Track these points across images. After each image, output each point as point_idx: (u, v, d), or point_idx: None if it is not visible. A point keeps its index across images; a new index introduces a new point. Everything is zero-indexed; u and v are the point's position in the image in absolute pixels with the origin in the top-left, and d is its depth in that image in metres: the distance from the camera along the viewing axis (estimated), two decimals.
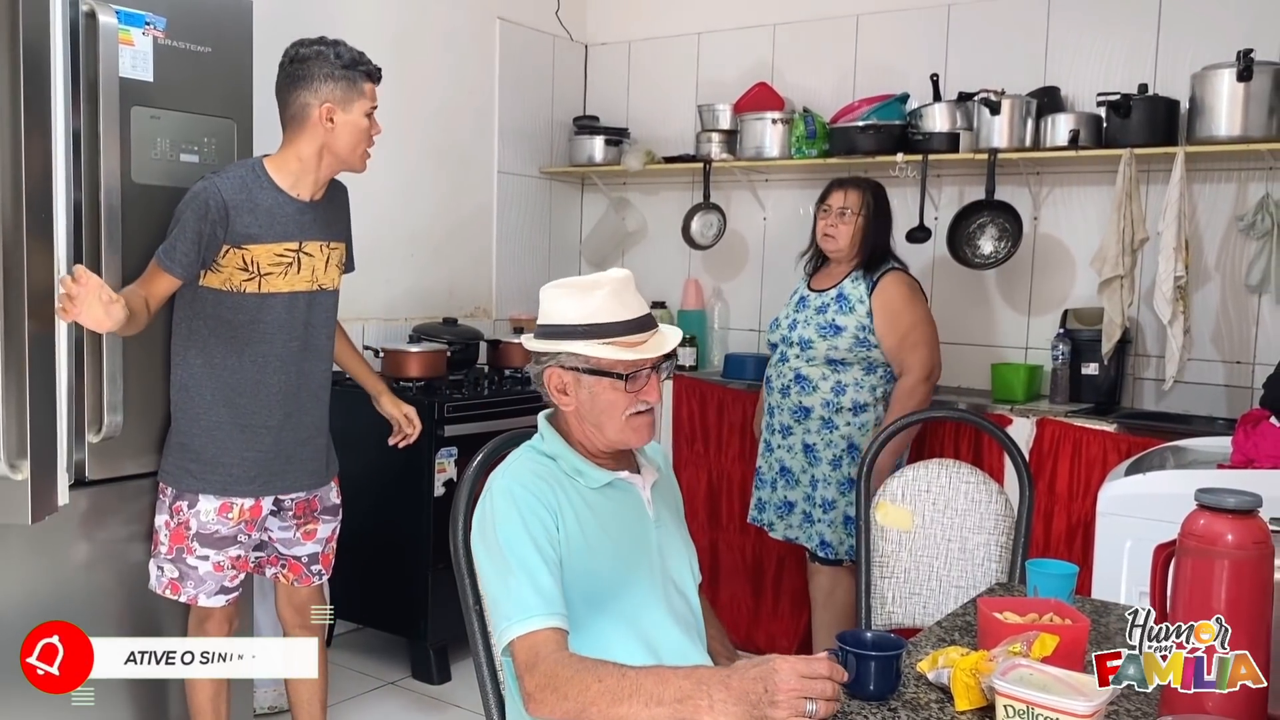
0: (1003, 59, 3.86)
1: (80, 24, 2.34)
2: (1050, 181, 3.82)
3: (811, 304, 3.31)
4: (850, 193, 3.27)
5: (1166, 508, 1.65)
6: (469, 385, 3.78)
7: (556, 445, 1.75)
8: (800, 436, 3.28)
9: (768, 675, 1.34)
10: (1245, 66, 3.15)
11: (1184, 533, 1.40)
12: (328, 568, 2.74)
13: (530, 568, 1.57)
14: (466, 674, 3.40)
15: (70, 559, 2.49)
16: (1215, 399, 3.54)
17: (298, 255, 2.48)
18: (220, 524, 2.48)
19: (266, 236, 2.42)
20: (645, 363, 1.70)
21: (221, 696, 2.60)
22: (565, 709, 1.45)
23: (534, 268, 4.69)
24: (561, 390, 1.73)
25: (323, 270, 2.55)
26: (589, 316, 1.69)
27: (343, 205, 2.67)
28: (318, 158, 2.47)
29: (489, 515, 1.65)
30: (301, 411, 2.57)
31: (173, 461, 2.50)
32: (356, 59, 2.46)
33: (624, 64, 4.82)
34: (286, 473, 2.56)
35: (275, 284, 2.45)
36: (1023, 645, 1.48)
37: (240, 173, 2.44)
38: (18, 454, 1.97)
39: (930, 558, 2.44)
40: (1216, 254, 3.53)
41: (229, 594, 2.53)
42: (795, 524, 3.33)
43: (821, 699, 1.33)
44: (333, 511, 2.72)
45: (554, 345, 1.71)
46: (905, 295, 3.22)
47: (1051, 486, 3.31)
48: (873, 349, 3.20)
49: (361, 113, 2.46)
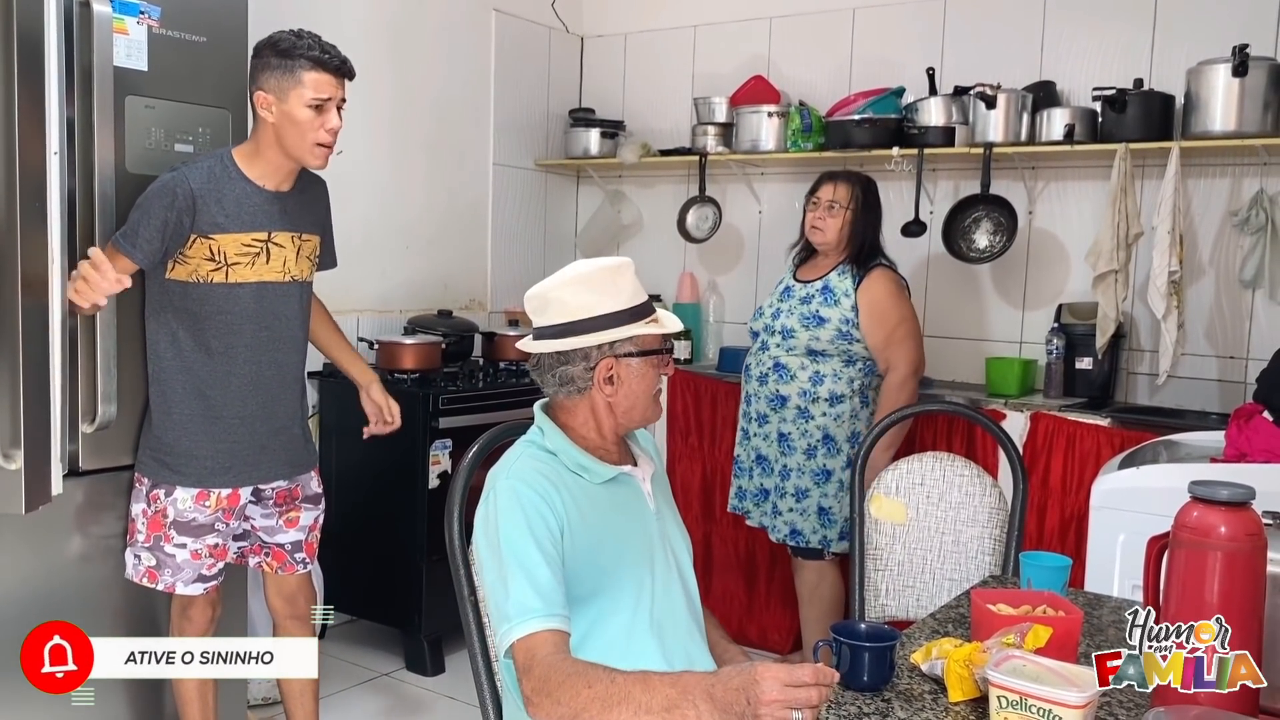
0: (998, 53, 3.86)
1: (75, 13, 2.34)
2: (1045, 176, 3.82)
3: (796, 294, 3.31)
4: (840, 186, 3.26)
5: (1160, 501, 1.66)
6: (464, 378, 3.78)
7: (557, 440, 1.74)
8: (776, 425, 3.29)
9: (749, 685, 1.32)
10: (1240, 62, 3.15)
11: (1177, 525, 1.40)
12: (312, 556, 2.71)
13: (531, 569, 1.56)
14: (460, 666, 3.40)
15: (63, 549, 2.48)
16: (1209, 394, 3.55)
17: (266, 245, 2.45)
18: (198, 512, 2.48)
19: (233, 226, 2.41)
20: (673, 337, 1.74)
21: (209, 686, 2.60)
22: (560, 713, 1.45)
23: (529, 261, 4.69)
24: (608, 380, 1.72)
25: (294, 261, 2.51)
26: (626, 301, 1.71)
27: (318, 198, 2.62)
28: (271, 148, 2.43)
29: (492, 515, 1.63)
30: (274, 402, 2.54)
31: (148, 454, 2.49)
32: (293, 47, 2.35)
33: (620, 56, 4.81)
34: (261, 463, 2.54)
35: (243, 274, 2.43)
36: (1016, 637, 1.49)
37: (209, 163, 2.42)
38: (11, 443, 1.97)
39: (924, 550, 2.44)
40: (1211, 249, 3.54)
41: (206, 582, 2.53)
42: (769, 511, 3.35)
43: (806, 707, 1.30)
44: (314, 500, 2.69)
45: (600, 337, 1.69)
46: (892, 292, 3.21)
47: (1045, 480, 3.32)
48: (854, 343, 3.20)
49: (300, 103, 2.36)
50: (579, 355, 1.71)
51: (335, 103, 2.41)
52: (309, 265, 2.58)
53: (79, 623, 2.48)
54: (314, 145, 2.41)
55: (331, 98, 2.40)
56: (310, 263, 2.58)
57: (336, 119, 2.41)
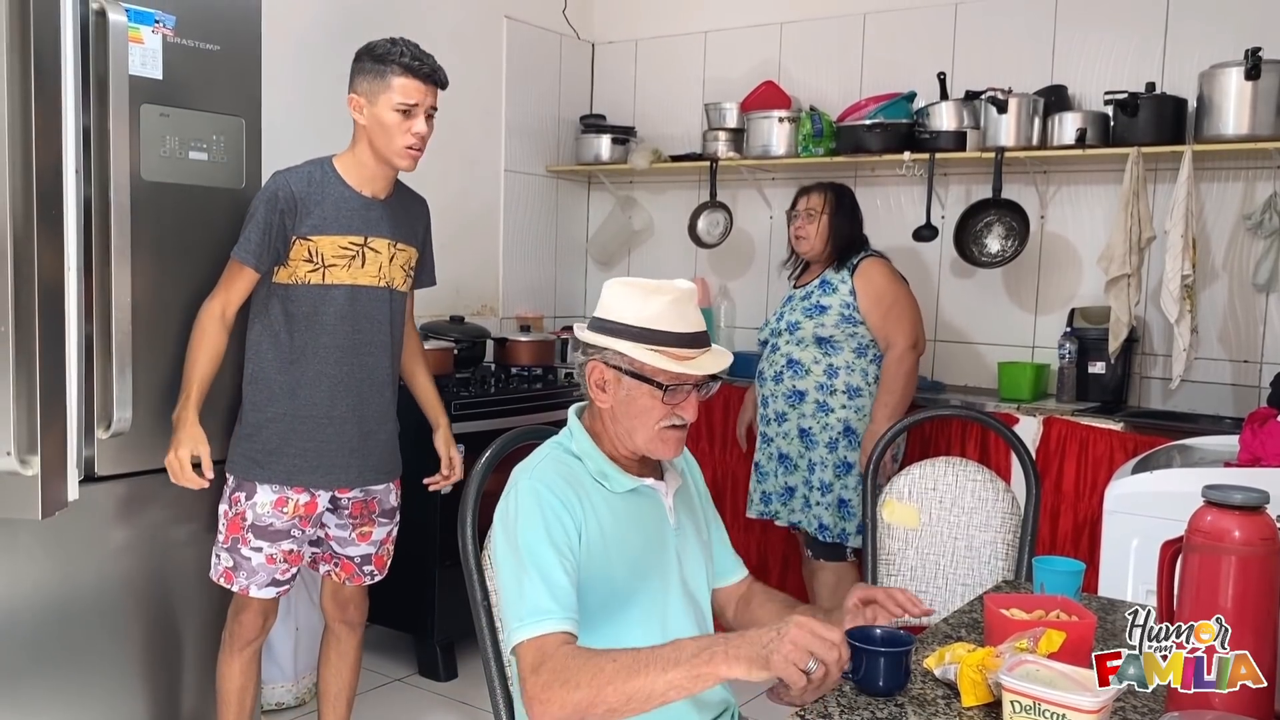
0: (1010, 57, 3.86)
1: (90, 22, 2.35)
2: (1057, 180, 3.82)
3: (797, 297, 3.44)
4: (813, 195, 3.43)
5: (1173, 506, 1.65)
6: (475, 383, 3.78)
7: (585, 444, 1.74)
8: (795, 422, 3.33)
9: (783, 625, 1.38)
10: (1253, 65, 3.14)
11: (1191, 529, 1.40)
12: (381, 569, 2.73)
13: (547, 571, 1.56)
14: (473, 671, 3.41)
15: (80, 554, 2.50)
16: (1222, 398, 3.54)
17: (362, 249, 2.50)
18: (275, 517, 2.51)
19: (331, 228, 2.47)
20: (689, 378, 1.68)
21: (249, 692, 2.63)
22: (576, 699, 1.44)
23: (540, 266, 4.70)
24: (600, 386, 1.72)
25: (388, 267, 2.56)
26: (645, 320, 1.67)
27: (418, 214, 2.68)
28: (365, 151, 2.51)
29: (512, 514, 1.64)
30: (364, 404, 2.57)
31: (239, 451, 2.54)
32: (387, 53, 2.45)
33: (631, 62, 4.82)
34: (350, 465, 2.56)
35: (339, 275, 2.48)
36: (1029, 641, 1.48)
37: (309, 169, 2.50)
38: (28, 449, 1.98)
39: (937, 555, 2.44)
40: (1224, 253, 3.53)
41: (279, 586, 2.55)
42: (798, 508, 3.37)
43: (826, 661, 1.35)
44: (390, 514, 2.70)
45: (603, 340, 1.70)
46: (886, 274, 3.34)
47: (1058, 485, 3.31)
48: (859, 325, 3.29)
49: (388, 107, 2.44)
50: (586, 350, 1.74)
51: (424, 109, 2.48)
52: (403, 275, 2.61)
53: (93, 629, 2.51)
54: (402, 148, 2.47)
55: (419, 103, 2.47)
56: (404, 273, 2.61)
57: (424, 124, 2.48)
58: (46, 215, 1.97)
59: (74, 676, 2.48)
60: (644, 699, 1.43)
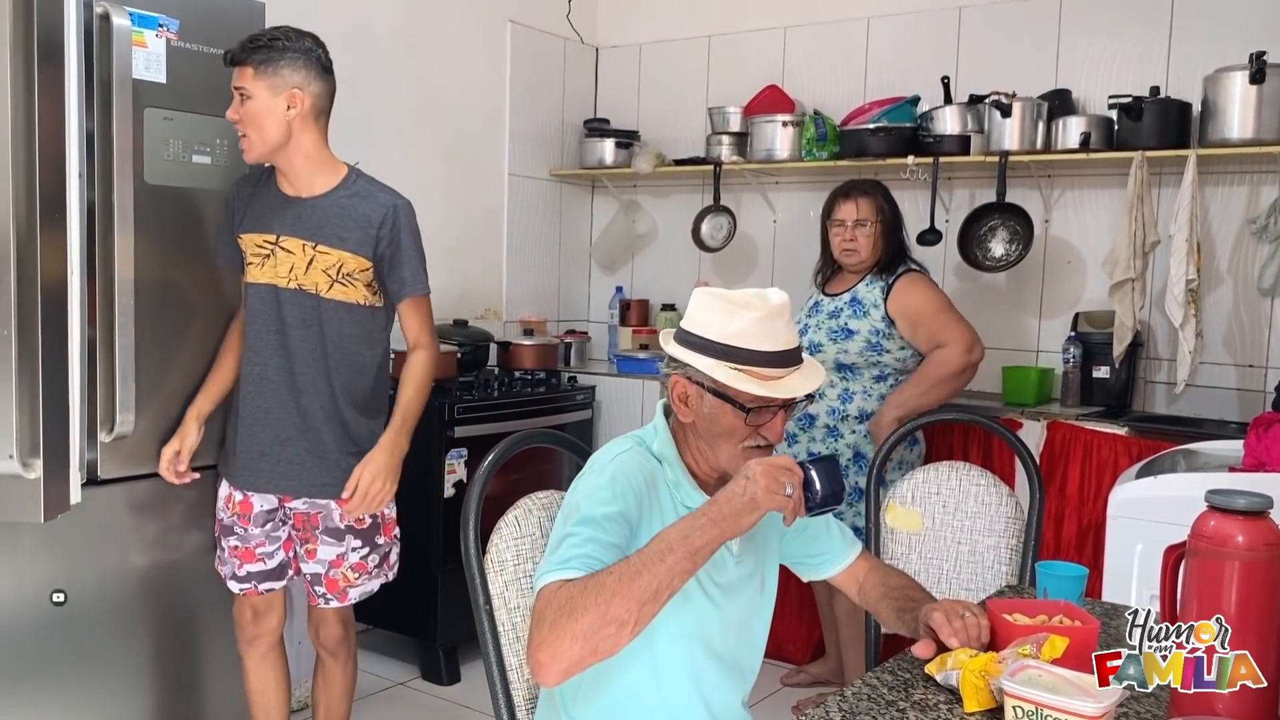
0: (1014, 61, 3.85)
1: (94, 26, 2.36)
2: (1061, 184, 3.81)
3: (824, 308, 3.27)
4: (861, 202, 3.21)
5: (1178, 511, 1.64)
6: (479, 387, 3.79)
7: (667, 450, 1.71)
8: (805, 445, 3.26)
9: (745, 471, 1.51)
10: (1258, 69, 3.14)
11: (1194, 534, 1.39)
12: (335, 594, 2.54)
13: (591, 534, 1.53)
14: (476, 675, 3.41)
15: (82, 558, 2.50)
16: (1227, 402, 3.53)
17: (275, 248, 2.44)
18: (223, 512, 2.56)
19: (250, 227, 2.48)
20: (773, 401, 1.63)
21: (267, 694, 2.63)
22: (583, 625, 1.40)
23: (544, 270, 4.70)
24: (683, 400, 1.67)
25: (303, 270, 2.42)
26: (729, 338, 1.61)
27: (370, 219, 2.42)
28: None
29: (586, 473, 1.65)
30: (280, 409, 2.46)
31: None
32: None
33: (634, 67, 4.82)
34: (259, 469, 2.48)
35: (255, 274, 2.48)
36: (1032, 647, 1.48)
37: (260, 170, 2.52)
38: (31, 452, 1.99)
39: (940, 560, 2.43)
40: (1228, 257, 3.52)
41: (242, 583, 2.55)
42: None
43: (792, 482, 1.50)
44: (335, 535, 2.50)
45: (686, 355, 1.65)
46: (924, 289, 3.17)
47: (1062, 490, 3.30)
48: (884, 354, 3.17)
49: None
50: (670, 362, 1.70)
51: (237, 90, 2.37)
52: (326, 280, 2.42)
53: (96, 631, 2.51)
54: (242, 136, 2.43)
55: (238, 87, 2.37)
56: (328, 278, 2.42)
57: (234, 107, 2.38)
58: (50, 218, 1.98)
59: (77, 680, 2.48)
60: (652, 595, 1.42)
